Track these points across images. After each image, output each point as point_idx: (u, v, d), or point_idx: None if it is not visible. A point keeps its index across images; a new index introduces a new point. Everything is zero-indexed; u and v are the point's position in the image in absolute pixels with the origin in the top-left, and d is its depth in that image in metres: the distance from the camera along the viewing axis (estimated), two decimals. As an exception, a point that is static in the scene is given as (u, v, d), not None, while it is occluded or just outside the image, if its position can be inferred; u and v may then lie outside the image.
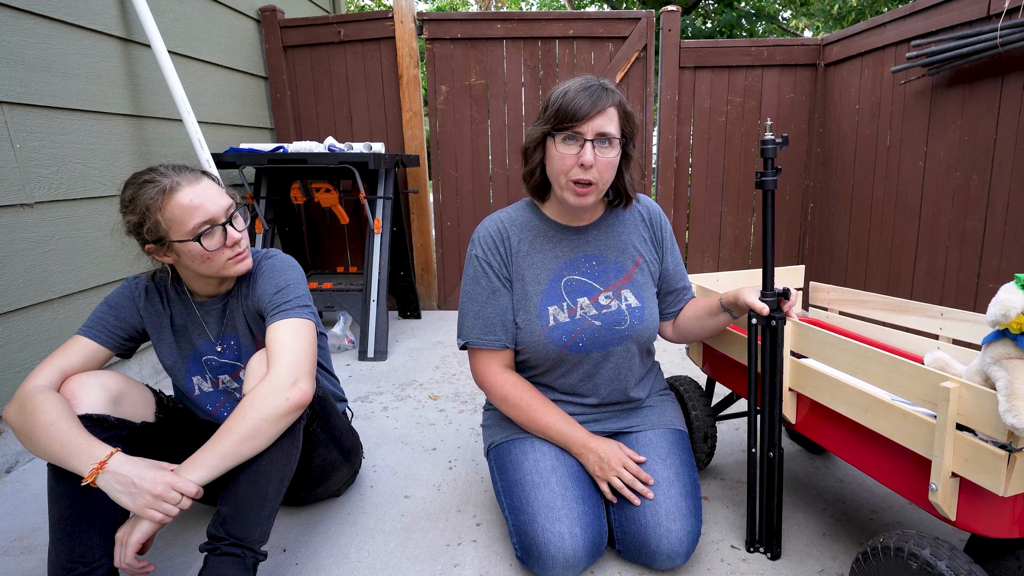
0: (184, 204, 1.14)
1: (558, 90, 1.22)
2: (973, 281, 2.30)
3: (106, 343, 1.24)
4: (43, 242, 1.94)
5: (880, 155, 2.78)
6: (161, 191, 1.13)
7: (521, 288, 1.33)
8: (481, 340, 1.33)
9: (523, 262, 1.33)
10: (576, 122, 1.17)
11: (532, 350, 1.33)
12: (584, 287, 1.33)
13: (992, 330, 0.90)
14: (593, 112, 1.16)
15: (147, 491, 1.01)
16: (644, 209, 1.40)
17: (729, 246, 3.53)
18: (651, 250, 1.39)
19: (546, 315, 1.31)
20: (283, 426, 1.11)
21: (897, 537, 0.97)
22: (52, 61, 1.97)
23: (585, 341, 1.31)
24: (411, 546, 1.39)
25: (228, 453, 1.06)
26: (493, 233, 1.34)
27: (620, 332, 1.32)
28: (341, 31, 3.26)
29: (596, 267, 1.34)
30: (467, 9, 14.07)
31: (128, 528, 1.05)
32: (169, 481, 1.02)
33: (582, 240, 1.35)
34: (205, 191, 1.18)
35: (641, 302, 1.34)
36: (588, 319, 1.31)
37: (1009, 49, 2.02)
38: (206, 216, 1.16)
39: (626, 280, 1.35)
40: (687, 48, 3.25)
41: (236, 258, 1.23)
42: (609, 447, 1.30)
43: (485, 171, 3.41)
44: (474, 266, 1.34)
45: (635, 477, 1.26)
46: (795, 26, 7.75)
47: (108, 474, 1.02)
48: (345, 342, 2.85)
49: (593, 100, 1.17)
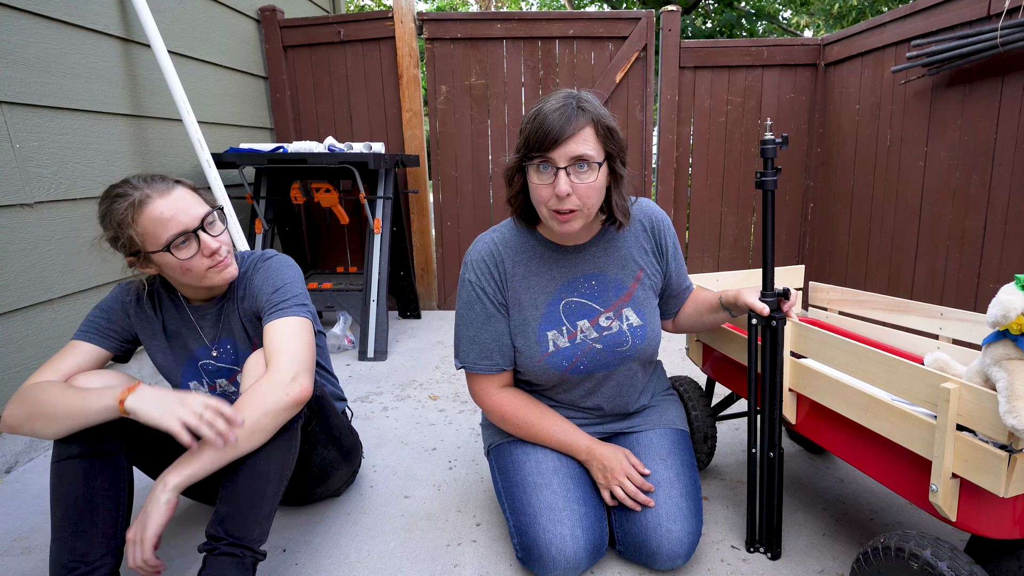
0: (155, 217, 1.12)
1: (532, 110, 1.13)
2: (973, 281, 2.30)
3: (103, 345, 1.24)
4: (43, 242, 1.94)
5: (880, 155, 2.78)
6: (131, 205, 1.11)
7: (518, 313, 1.29)
8: (478, 365, 1.30)
9: (519, 286, 1.28)
10: (547, 149, 1.08)
11: (532, 373, 1.31)
12: (584, 309, 1.29)
13: (992, 331, 0.90)
14: (564, 136, 1.07)
15: (187, 405, 1.00)
16: (646, 218, 1.33)
17: (729, 246, 3.53)
18: (652, 262, 1.34)
19: (545, 341, 1.27)
20: (281, 421, 1.11)
21: (898, 537, 0.97)
22: (52, 61, 1.97)
23: (587, 364, 1.29)
24: (411, 546, 1.38)
25: (224, 450, 1.05)
26: (486, 257, 1.28)
27: (622, 353, 1.30)
28: (341, 31, 3.26)
29: (596, 287, 1.30)
30: (467, 9, 14.06)
31: (139, 525, 1.03)
32: (211, 404, 1.01)
33: (580, 259, 1.29)
34: (176, 202, 1.14)
35: (643, 319, 1.31)
36: (589, 342, 1.28)
37: (1009, 49, 2.02)
38: (179, 227, 1.13)
39: (627, 298, 1.31)
40: (687, 48, 3.25)
41: (217, 267, 1.20)
42: (615, 456, 1.28)
43: (485, 171, 3.41)
44: (467, 291, 1.29)
45: (638, 489, 1.24)
46: (796, 24, 7.75)
47: (140, 393, 1.02)
48: (345, 342, 2.85)
49: (563, 123, 1.07)
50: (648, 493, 1.25)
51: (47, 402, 1.05)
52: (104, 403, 1.03)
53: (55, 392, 1.06)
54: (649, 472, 1.27)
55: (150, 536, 1.02)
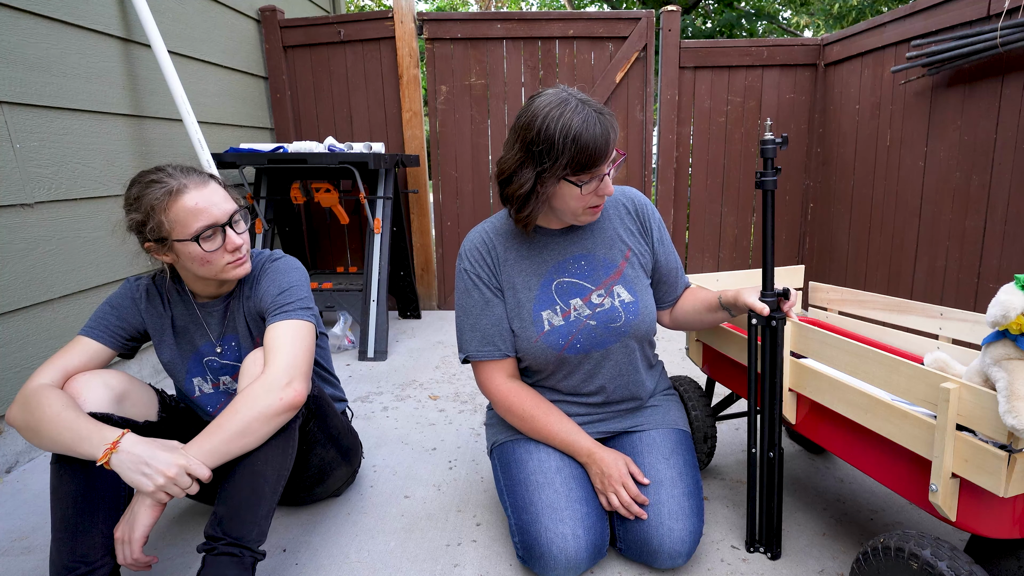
0: (189, 207, 1.15)
1: (560, 128, 1.11)
2: (973, 281, 2.30)
3: (108, 343, 1.25)
4: (43, 242, 1.94)
5: (880, 155, 2.78)
6: (167, 192, 1.14)
7: (513, 296, 1.32)
8: (481, 352, 1.32)
9: (512, 270, 1.32)
10: (599, 166, 1.15)
11: (531, 356, 1.32)
12: (575, 288, 1.32)
13: (992, 331, 0.90)
14: (610, 150, 1.16)
15: (160, 472, 1.02)
16: (628, 201, 1.38)
17: (729, 246, 3.53)
18: (639, 241, 1.37)
19: (540, 320, 1.30)
20: (275, 426, 1.11)
21: (898, 537, 0.97)
22: (52, 61, 1.97)
23: (582, 342, 1.30)
24: (411, 546, 1.39)
25: (215, 450, 1.06)
26: (479, 244, 1.33)
27: (616, 329, 1.31)
28: (341, 31, 3.26)
29: (585, 266, 1.33)
30: (467, 9, 14.07)
31: (127, 525, 1.05)
32: (182, 464, 1.03)
33: (568, 240, 1.33)
34: (211, 195, 1.18)
35: (634, 296, 1.33)
36: (583, 320, 1.30)
37: (1009, 49, 2.02)
38: (210, 220, 1.17)
39: (617, 276, 1.33)
40: (687, 48, 3.25)
41: (235, 263, 1.23)
42: (614, 462, 1.27)
43: (485, 171, 3.41)
44: (464, 279, 1.33)
45: (633, 500, 1.24)
46: (795, 24, 7.76)
47: (121, 454, 1.02)
48: (345, 342, 2.85)
49: (607, 138, 1.14)
50: (650, 491, 1.25)
51: (43, 421, 1.06)
52: (91, 452, 1.04)
53: (53, 412, 1.06)
54: (648, 482, 1.27)
55: (137, 537, 1.04)
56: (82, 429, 1.04)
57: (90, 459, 1.04)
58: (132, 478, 1.02)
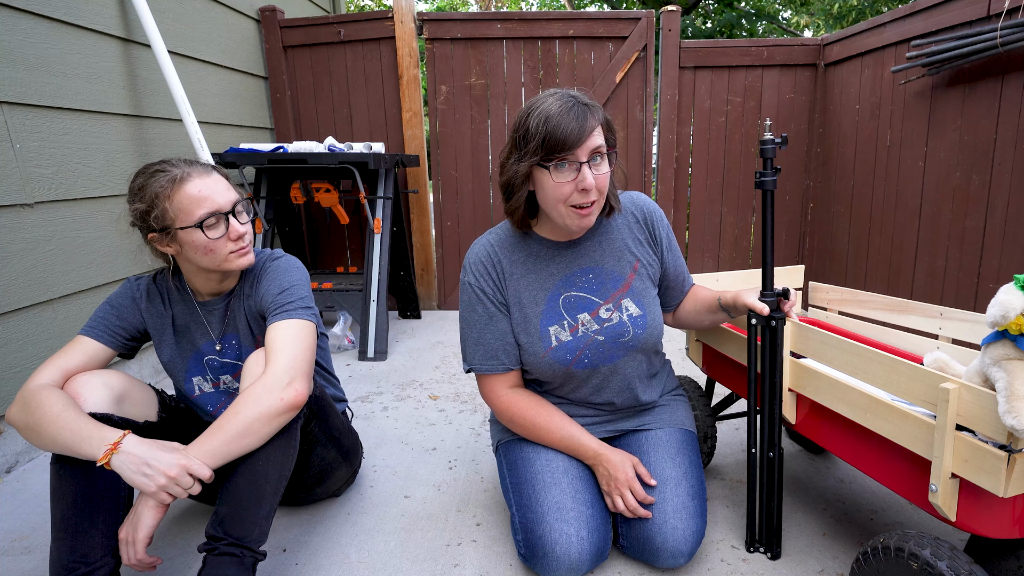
0: (193, 194, 1.16)
1: (536, 115, 1.14)
2: (973, 281, 2.30)
3: (109, 343, 1.25)
4: (43, 242, 1.94)
5: (880, 155, 2.78)
6: (172, 180, 1.15)
7: (520, 311, 1.30)
8: (484, 366, 1.32)
9: (518, 284, 1.30)
10: (569, 149, 1.11)
11: (539, 370, 1.31)
12: (583, 302, 1.30)
13: (992, 331, 0.90)
14: (585, 134, 1.12)
15: (162, 472, 1.02)
16: (637, 209, 1.35)
17: (729, 246, 3.53)
18: (648, 251, 1.35)
19: (548, 336, 1.28)
20: (276, 426, 1.11)
21: (898, 537, 0.97)
22: (52, 61, 1.97)
23: (590, 357, 1.29)
24: (411, 546, 1.39)
25: (216, 450, 1.06)
26: (483, 259, 1.30)
27: (624, 344, 1.30)
28: (341, 31, 3.26)
29: (593, 280, 1.31)
30: (467, 9, 14.06)
31: (131, 525, 1.05)
32: (184, 464, 1.03)
33: (576, 254, 1.31)
34: (215, 184, 1.20)
35: (642, 309, 1.31)
36: (591, 335, 1.29)
37: (1009, 49, 2.02)
38: (213, 207, 1.18)
39: (625, 289, 1.31)
40: (687, 48, 3.25)
41: (238, 252, 1.23)
42: (621, 464, 1.27)
43: (485, 171, 3.41)
44: (468, 293, 1.31)
45: (639, 504, 1.24)
46: (795, 24, 7.76)
47: (123, 454, 1.03)
48: (345, 342, 2.85)
49: (581, 121, 1.11)
50: (655, 490, 1.25)
51: (43, 421, 1.06)
52: (91, 453, 1.04)
53: (53, 412, 1.06)
54: (655, 483, 1.26)
55: (141, 537, 1.04)
56: (82, 429, 1.05)
57: (90, 459, 1.04)
58: (134, 479, 1.02)
